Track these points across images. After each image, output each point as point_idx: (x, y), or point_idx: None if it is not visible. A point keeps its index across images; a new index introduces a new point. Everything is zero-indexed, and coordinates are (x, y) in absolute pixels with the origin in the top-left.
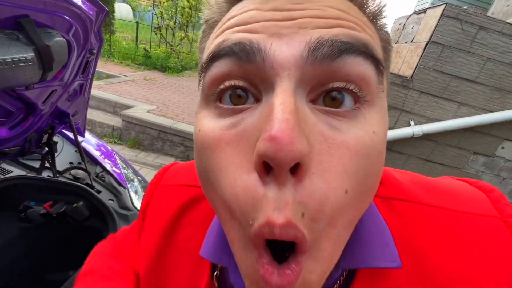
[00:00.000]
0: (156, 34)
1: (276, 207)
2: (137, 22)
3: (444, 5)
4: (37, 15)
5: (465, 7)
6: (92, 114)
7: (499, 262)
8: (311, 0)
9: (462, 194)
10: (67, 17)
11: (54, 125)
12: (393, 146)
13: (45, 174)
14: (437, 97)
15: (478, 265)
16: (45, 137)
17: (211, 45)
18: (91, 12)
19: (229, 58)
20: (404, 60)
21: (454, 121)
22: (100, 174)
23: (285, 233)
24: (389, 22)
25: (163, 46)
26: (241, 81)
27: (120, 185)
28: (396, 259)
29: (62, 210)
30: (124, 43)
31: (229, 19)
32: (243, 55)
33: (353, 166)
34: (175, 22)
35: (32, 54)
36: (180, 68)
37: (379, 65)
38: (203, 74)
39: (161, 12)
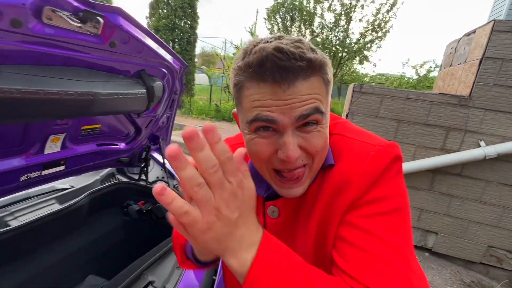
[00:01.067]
0: (225, 92)
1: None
2: (211, 85)
3: (493, 21)
4: (148, 69)
5: None
6: None
7: (361, 165)
8: (295, 94)
9: (370, 136)
10: (163, 69)
11: (149, 145)
12: (463, 171)
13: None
14: (509, 113)
15: (353, 165)
16: (144, 154)
17: (251, 109)
18: (176, 66)
19: (263, 121)
20: (460, 81)
21: None
22: (176, 186)
23: (294, 165)
24: (441, 47)
25: (231, 101)
26: (268, 127)
27: None
28: (332, 161)
29: (150, 208)
30: (200, 102)
31: (255, 100)
32: (269, 121)
33: (316, 149)
34: None
35: (144, 91)
36: None
37: (323, 112)
38: (250, 122)
39: (230, 74)
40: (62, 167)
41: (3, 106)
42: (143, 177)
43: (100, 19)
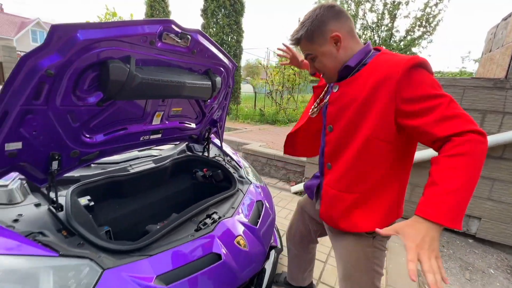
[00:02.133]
0: (268, 97)
1: None
2: (255, 93)
3: None
4: (212, 68)
5: None
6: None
7: (393, 68)
8: (301, 49)
9: (402, 55)
10: (222, 68)
11: (210, 127)
12: (504, 153)
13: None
14: None
15: (388, 67)
16: (206, 134)
17: None
18: (230, 65)
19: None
20: (498, 64)
21: None
22: (229, 160)
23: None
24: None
25: (273, 106)
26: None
27: (239, 166)
28: (351, 63)
29: (211, 174)
30: (246, 109)
31: None
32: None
33: (320, 65)
34: (282, 87)
35: (210, 83)
36: (287, 121)
37: (311, 53)
38: None
39: (272, 81)
40: (160, 135)
41: (144, 87)
42: (206, 153)
43: (189, 36)
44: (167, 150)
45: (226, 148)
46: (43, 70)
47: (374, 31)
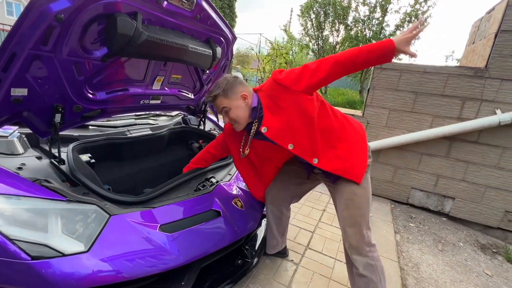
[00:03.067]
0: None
1: None
2: (246, 80)
3: None
4: (213, 37)
5: None
6: None
7: (269, 85)
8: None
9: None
10: (222, 39)
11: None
12: (479, 138)
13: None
14: None
15: (267, 88)
16: (203, 106)
17: None
18: (230, 36)
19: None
20: (479, 55)
21: None
22: None
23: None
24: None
25: None
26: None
27: None
28: (254, 104)
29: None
30: None
31: None
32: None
33: (233, 118)
34: None
35: (210, 51)
36: None
37: (226, 106)
38: None
39: (264, 67)
40: (159, 101)
41: (149, 46)
42: (201, 126)
43: (194, 0)
44: (164, 121)
45: (220, 123)
46: (53, 14)
47: (365, 24)
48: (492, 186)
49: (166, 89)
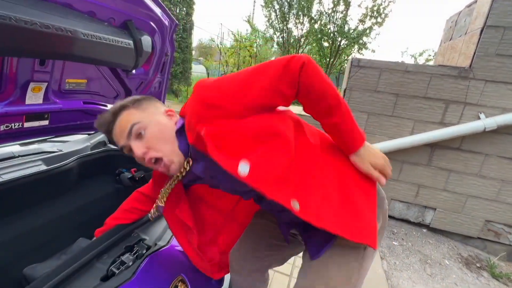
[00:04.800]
0: None
1: None
2: (208, 74)
3: None
4: (135, 20)
5: None
6: None
7: (191, 108)
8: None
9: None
10: (152, 23)
11: None
12: (462, 144)
13: None
14: (510, 84)
15: (189, 112)
16: None
17: None
18: (167, 22)
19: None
20: (460, 53)
21: None
22: None
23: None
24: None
25: None
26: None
27: None
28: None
29: (142, 175)
30: None
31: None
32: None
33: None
34: (238, 69)
35: (131, 42)
36: None
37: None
38: None
39: (226, 61)
40: (46, 122)
41: None
42: None
43: None
44: (75, 143)
45: None
46: None
47: (330, 17)
48: (473, 195)
49: (58, 101)
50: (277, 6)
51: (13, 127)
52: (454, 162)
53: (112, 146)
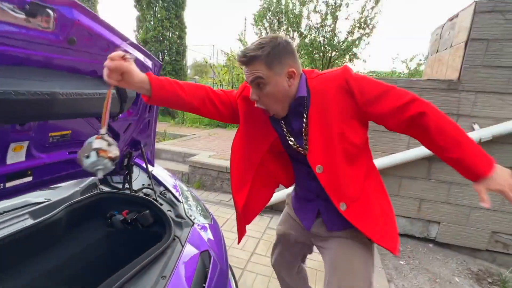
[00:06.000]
0: None
1: None
2: None
3: (474, 3)
4: None
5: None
6: (167, 165)
7: (336, 81)
8: (248, 71)
9: (331, 70)
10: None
11: (131, 151)
12: None
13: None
14: (500, 94)
15: (331, 83)
16: (126, 161)
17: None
18: (150, 64)
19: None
20: (448, 66)
21: None
22: (162, 192)
23: (258, 105)
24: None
25: None
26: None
27: (178, 200)
28: (303, 93)
29: (135, 217)
30: None
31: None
32: (247, 81)
33: (267, 96)
34: (232, 86)
35: (114, 91)
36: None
37: (262, 77)
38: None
39: (220, 80)
40: (30, 178)
41: None
42: (128, 185)
43: (50, 12)
44: (64, 189)
45: (160, 174)
46: None
47: (318, 31)
48: (476, 207)
49: (42, 156)
50: (266, 24)
51: None
52: (453, 174)
53: (104, 188)
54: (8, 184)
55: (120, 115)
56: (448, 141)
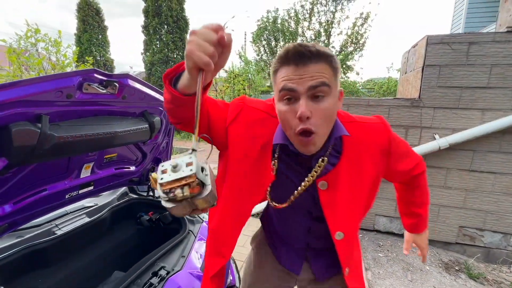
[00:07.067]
0: None
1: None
2: None
3: (426, 36)
4: (149, 109)
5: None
6: None
7: (378, 138)
8: (307, 72)
9: (367, 118)
10: (160, 107)
11: (154, 166)
12: (426, 161)
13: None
14: (454, 109)
15: (371, 137)
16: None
17: (280, 83)
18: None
19: (286, 90)
20: (412, 85)
21: (479, 127)
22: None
23: (305, 126)
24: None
25: None
26: (289, 95)
27: None
28: (346, 132)
29: (158, 217)
30: None
31: (283, 77)
32: (290, 89)
33: (324, 115)
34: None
35: (147, 126)
36: None
37: (328, 85)
38: (279, 92)
39: (222, 97)
40: (92, 187)
41: (63, 147)
42: (151, 193)
43: (116, 84)
44: (105, 197)
45: None
46: None
47: None
48: (444, 205)
49: (99, 172)
50: (264, 42)
51: (73, 195)
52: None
53: (133, 195)
54: (81, 191)
55: (149, 140)
56: (423, 200)
